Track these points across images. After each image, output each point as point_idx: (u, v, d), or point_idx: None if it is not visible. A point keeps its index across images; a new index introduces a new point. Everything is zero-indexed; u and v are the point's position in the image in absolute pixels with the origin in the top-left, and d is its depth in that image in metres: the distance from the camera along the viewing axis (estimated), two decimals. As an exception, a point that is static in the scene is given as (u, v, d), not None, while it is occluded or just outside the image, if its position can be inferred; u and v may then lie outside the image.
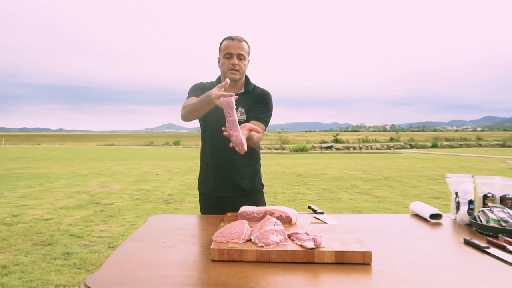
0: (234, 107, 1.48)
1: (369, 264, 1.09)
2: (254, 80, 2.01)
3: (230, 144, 1.48)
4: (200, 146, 2.10)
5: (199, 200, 2.09)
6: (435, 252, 1.24)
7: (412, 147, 35.71)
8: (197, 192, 2.09)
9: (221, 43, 1.93)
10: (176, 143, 44.18)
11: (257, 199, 2.00)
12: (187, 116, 1.85)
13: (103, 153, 24.55)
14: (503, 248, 1.22)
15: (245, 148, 1.46)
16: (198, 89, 1.93)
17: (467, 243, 1.29)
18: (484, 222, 1.43)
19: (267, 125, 1.94)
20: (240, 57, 1.88)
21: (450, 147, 34.71)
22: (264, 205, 2.00)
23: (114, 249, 1.47)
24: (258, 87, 2.00)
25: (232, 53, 1.86)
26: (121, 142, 49.63)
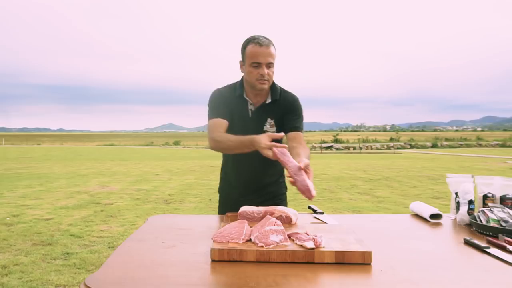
0: (288, 153, 1.41)
1: (369, 264, 1.09)
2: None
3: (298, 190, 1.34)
4: (222, 154, 2.00)
5: (220, 201, 2.04)
6: (435, 252, 1.24)
7: (412, 147, 35.71)
8: (197, 192, 2.08)
9: (244, 47, 1.74)
10: (176, 143, 44.18)
11: (281, 200, 1.96)
12: (221, 151, 1.79)
13: (103, 153, 24.55)
14: (503, 248, 1.22)
15: (314, 193, 1.30)
16: (221, 104, 1.80)
17: (467, 243, 1.29)
18: (484, 222, 1.43)
19: (303, 130, 1.85)
20: (269, 65, 1.71)
21: (450, 147, 34.71)
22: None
23: (114, 249, 1.47)
24: (285, 92, 1.86)
25: (260, 62, 1.69)
26: (121, 142, 49.63)
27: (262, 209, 1.51)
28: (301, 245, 1.13)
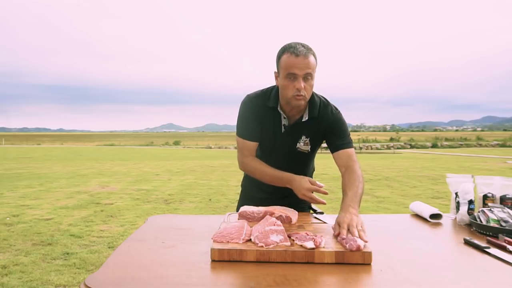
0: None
1: (369, 264, 1.09)
2: (253, 80, 1.77)
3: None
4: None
5: (241, 196, 1.95)
6: (435, 252, 1.24)
7: (412, 147, 35.72)
8: (197, 192, 2.05)
9: (279, 56, 1.55)
10: (176, 143, 44.20)
11: (305, 205, 1.82)
12: (252, 175, 1.70)
13: (103, 153, 24.55)
14: (503, 248, 1.22)
15: (362, 247, 1.10)
16: (251, 121, 1.66)
17: (467, 243, 1.29)
18: (484, 222, 1.43)
19: (352, 143, 1.70)
20: (307, 76, 1.51)
21: (450, 147, 34.72)
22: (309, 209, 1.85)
23: (114, 249, 1.47)
24: (325, 107, 1.67)
25: (297, 74, 1.50)
26: (121, 142, 49.65)
27: (262, 209, 1.51)
28: (301, 245, 1.13)
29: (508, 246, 1.21)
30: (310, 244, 1.11)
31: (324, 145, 1.77)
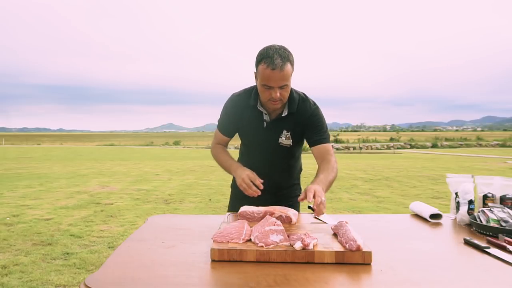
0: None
1: (369, 264, 1.09)
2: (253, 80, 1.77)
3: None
4: (239, 153, 1.99)
5: (231, 197, 2.01)
6: (435, 252, 1.24)
7: (412, 147, 35.73)
8: (197, 192, 2.08)
9: (258, 62, 1.58)
10: (176, 143, 44.20)
11: (293, 202, 1.86)
12: (215, 160, 1.89)
13: (103, 153, 24.55)
14: (503, 248, 1.22)
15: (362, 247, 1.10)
16: (231, 118, 1.79)
17: (467, 243, 1.29)
18: (484, 222, 1.43)
19: (329, 138, 1.76)
20: (282, 87, 1.57)
21: (450, 147, 34.73)
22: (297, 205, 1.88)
23: (114, 249, 1.47)
24: (303, 102, 1.73)
25: (272, 86, 1.56)
26: (121, 142, 49.66)
27: (262, 209, 1.51)
28: (291, 245, 1.13)
29: (508, 246, 1.21)
30: (298, 245, 1.11)
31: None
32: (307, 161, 2.10)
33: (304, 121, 1.72)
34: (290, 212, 1.51)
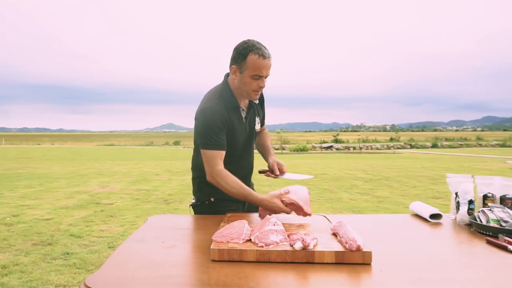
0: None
1: (369, 264, 1.09)
2: None
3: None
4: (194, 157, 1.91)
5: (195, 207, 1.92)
6: (435, 252, 1.24)
7: (412, 147, 35.73)
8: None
9: (245, 55, 1.61)
10: (176, 143, 44.20)
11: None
12: (220, 187, 1.64)
13: (103, 153, 24.55)
14: (504, 248, 1.22)
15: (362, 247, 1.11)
16: (220, 130, 1.65)
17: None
18: (484, 222, 1.43)
19: None
20: (266, 76, 1.68)
21: (450, 147, 34.74)
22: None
23: (114, 249, 1.47)
24: None
25: (263, 75, 1.64)
26: (121, 142, 49.67)
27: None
28: (291, 245, 1.13)
29: (509, 246, 1.21)
30: (298, 245, 1.11)
31: (325, 144, 1.82)
32: (319, 161, 2.12)
33: (262, 104, 1.92)
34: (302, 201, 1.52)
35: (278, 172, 1.84)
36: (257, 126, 1.86)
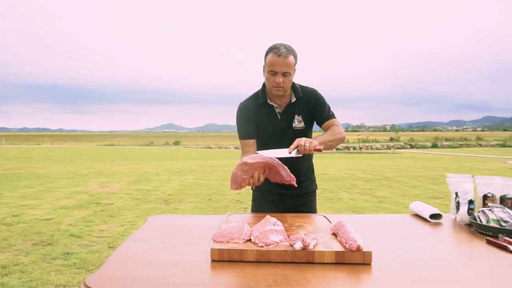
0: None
1: (369, 264, 1.09)
2: (253, 80, 1.98)
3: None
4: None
5: (255, 197, 2.04)
6: (435, 252, 1.24)
7: (412, 147, 35.73)
8: (197, 192, 2.08)
9: (266, 54, 1.81)
10: (176, 143, 44.21)
11: (313, 197, 2.04)
12: None
13: (103, 153, 24.55)
14: (504, 248, 1.22)
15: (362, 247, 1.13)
16: (245, 121, 1.89)
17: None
18: (484, 222, 1.43)
19: (334, 115, 1.95)
20: (286, 74, 1.77)
21: (450, 147, 34.73)
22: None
23: (114, 249, 1.47)
24: (304, 88, 1.94)
25: (277, 71, 1.77)
26: (121, 142, 49.68)
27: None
28: (291, 245, 1.13)
29: (509, 246, 1.21)
30: (298, 245, 1.11)
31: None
32: (319, 161, 2.11)
33: (309, 104, 1.91)
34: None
35: (296, 143, 1.66)
36: (297, 124, 1.90)
